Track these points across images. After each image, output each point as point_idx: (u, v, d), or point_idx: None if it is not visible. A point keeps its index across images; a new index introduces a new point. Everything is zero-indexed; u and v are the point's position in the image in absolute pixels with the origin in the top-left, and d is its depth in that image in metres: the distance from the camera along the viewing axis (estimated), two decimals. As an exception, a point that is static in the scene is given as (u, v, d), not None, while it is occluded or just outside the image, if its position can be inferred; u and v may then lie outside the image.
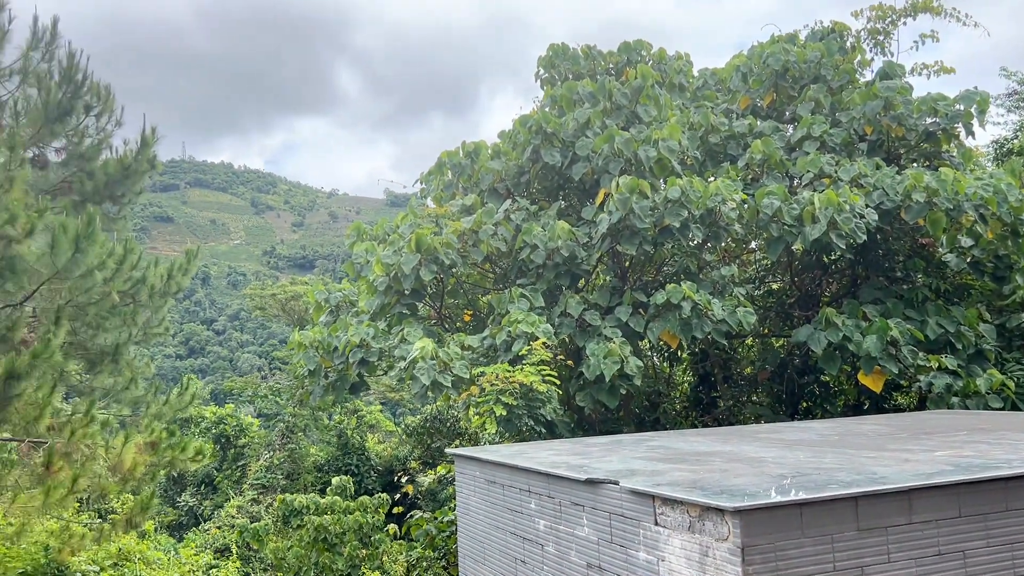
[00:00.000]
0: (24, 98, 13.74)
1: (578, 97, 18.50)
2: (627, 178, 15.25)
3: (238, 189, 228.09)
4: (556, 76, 21.04)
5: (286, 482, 24.70)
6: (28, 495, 10.36)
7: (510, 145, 18.35)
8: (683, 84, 20.63)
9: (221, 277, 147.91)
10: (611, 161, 16.37)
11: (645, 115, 17.91)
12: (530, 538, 7.00)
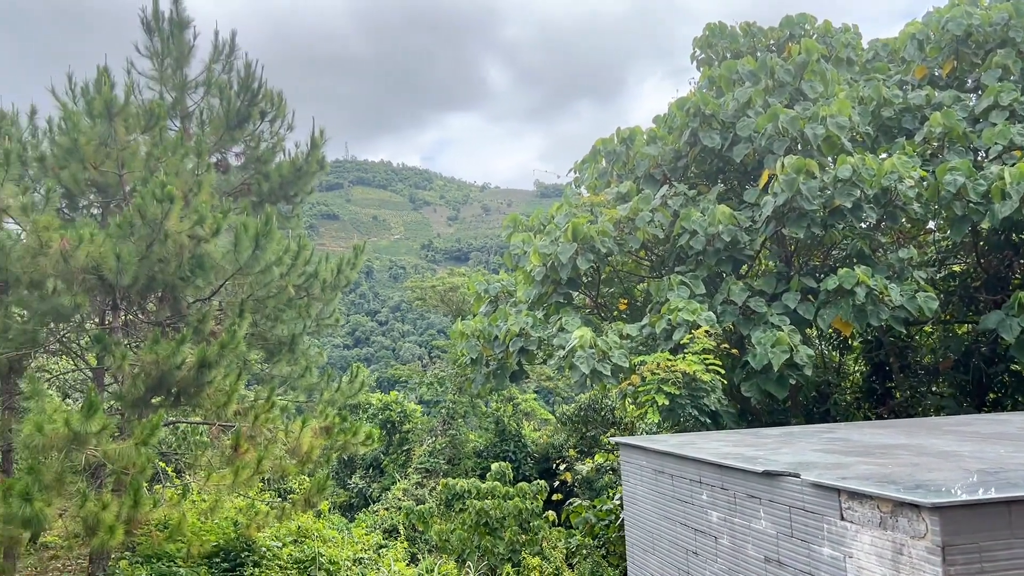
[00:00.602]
0: (208, 107, 14.78)
1: (738, 76, 17.84)
2: (793, 158, 14.57)
3: (397, 186, 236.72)
4: (713, 56, 20.40)
5: (448, 467, 25.41)
6: (219, 474, 11.13)
7: (666, 129, 17.96)
8: (851, 57, 19.45)
9: (383, 270, 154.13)
10: (775, 141, 15.69)
11: (811, 92, 17.03)
12: (702, 529, 6.82)
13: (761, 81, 17.31)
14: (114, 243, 10.64)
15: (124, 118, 11.95)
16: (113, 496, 10.16)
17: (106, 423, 9.86)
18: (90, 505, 9.71)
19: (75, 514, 9.82)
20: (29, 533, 10.36)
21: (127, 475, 10.39)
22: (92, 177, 12.27)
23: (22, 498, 9.05)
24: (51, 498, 9.76)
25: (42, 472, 9.54)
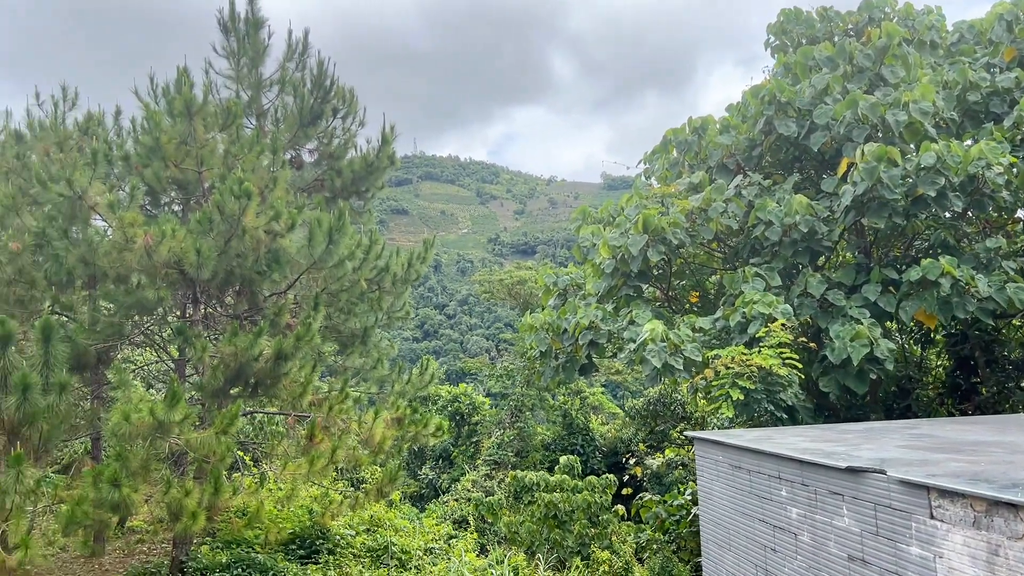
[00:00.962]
0: (282, 105, 15.08)
1: (814, 62, 17.36)
2: (873, 145, 14.11)
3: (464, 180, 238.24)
4: (788, 43, 19.90)
5: (516, 459, 25.47)
6: (295, 464, 11.38)
7: (739, 118, 17.60)
8: (935, 40, 18.73)
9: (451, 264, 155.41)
10: (854, 128, 15.22)
11: (891, 76, 16.46)
12: (781, 526, 6.67)
13: (839, 67, 16.80)
14: (194, 238, 10.96)
15: (203, 117, 12.28)
16: (195, 483, 10.47)
17: (188, 413, 10.17)
18: (174, 491, 10.03)
19: (160, 500, 10.16)
20: (117, 517, 10.77)
21: (208, 463, 10.70)
22: (173, 175, 12.65)
23: (110, 484, 9.40)
24: (137, 484, 10.12)
25: (129, 459, 9.89)
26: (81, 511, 9.46)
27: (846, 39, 17.72)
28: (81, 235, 12.30)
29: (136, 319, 12.69)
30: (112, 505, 9.66)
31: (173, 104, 12.37)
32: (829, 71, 16.75)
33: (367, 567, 12.18)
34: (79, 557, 12.11)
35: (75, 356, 11.26)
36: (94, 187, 11.57)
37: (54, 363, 10.01)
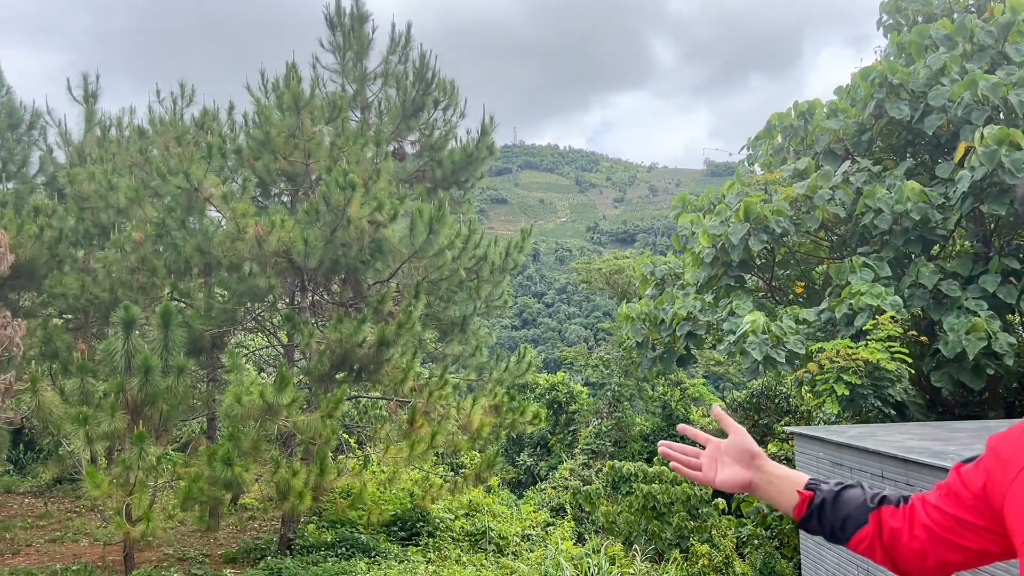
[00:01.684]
0: (385, 98, 15.45)
1: (930, 41, 16.53)
2: (994, 128, 13.35)
3: (563, 169, 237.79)
4: (902, 20, 19.00)
5: (614, 449, 25.39)
6: (396, 447, 11.70)
7: (848, 101, 16.95)
8: (1066, 14, 17.53)
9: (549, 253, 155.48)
10: (973, 110, 14.44)
11: (1016, 55, 15.51)
12: (884, 527, 6.45)
13: (958, 46, 15.95)
14: (302, 229, 11.38)
15: (310, 111, 12.71)
16: (302, 464, 10.92)
17: (296, 396, 10.60)
18: (282, 471, 10.49)
19: (269, 479, 10.64)
20: (230, 495, 11.34)
21: (314, 445, 11.14)
22: (282, 167, 13.16)
23: (224, 462, 9.91)
24: (248, 464, 10.63)
25: (241, 439, 10.39)
26: (197, 487, 10.01)
27: (966, 15, 16.79)
28: (197, 225, 12.96)
29: (248, 306, 13.29)
30: (225, 483, 10.18)
31: (282, 99, 12.85)
32: (946, 50, 15.91)
33: (465, 551, 12.43)
34: (196, 531, 12.82)
35: (192, 340, 11.89)
36: (209, 179, 12.16)
37: (173, 347, 10.61)
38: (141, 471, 9.70)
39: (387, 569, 10.65)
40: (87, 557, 11.68)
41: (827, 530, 1.37)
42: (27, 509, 15.00)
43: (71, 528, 13.53)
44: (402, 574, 9.96)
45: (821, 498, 1.37)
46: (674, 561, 15.71)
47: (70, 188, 14.99)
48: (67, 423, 9.80)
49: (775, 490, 1.42)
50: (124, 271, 13.10)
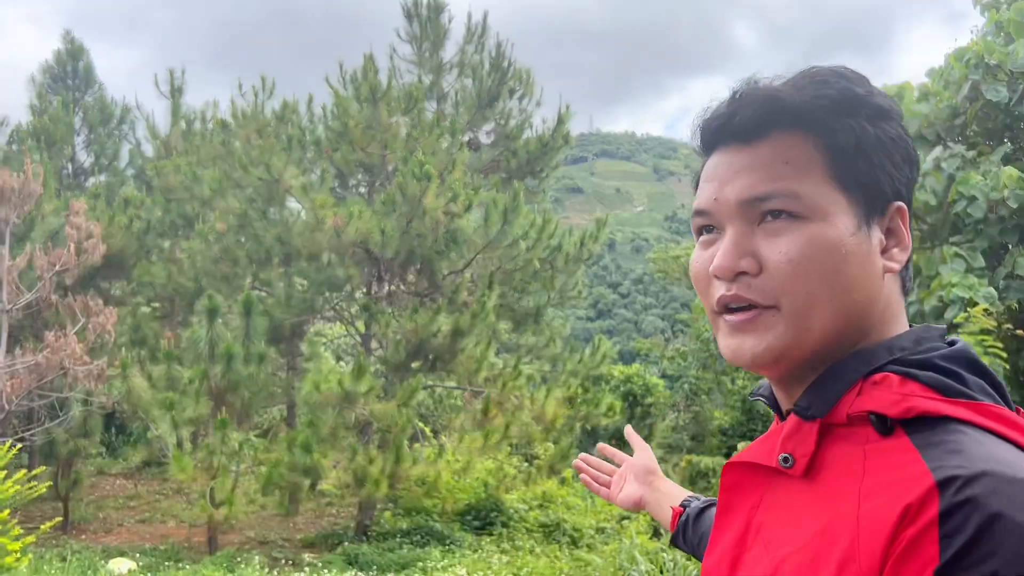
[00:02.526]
0: (461, 88, 15.48)
1: (1030, 20, 15.66)
2: (1100, 111, 12.58)
3: (640, 157, 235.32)
4: (1000, -1, 18.05)
5: (691, 443, 25.02)
6: (471, 437, 11.75)
7: (941, 84, 16.15)
8: None
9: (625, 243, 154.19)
10: (1077, 92, 13.61)
11: (1126, 32, 14.56)
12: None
13: (1061, 24, 15.06)
14: (379, 219, 11.51)
15: (387, 102, 12.83)
16: (378, 452, 11.08)
17: (373, 384, 10.74)
18: (359, 459, 10.65)
19: (346, 466, 10.83)
20: (309, 480, 11.58)
21: (390, 433, 11.29)
22: (360, 158, 13.32)
23: (303, 449, 10.13)
24: (327, 450, 10.84)
25: (319, 427, 10.60)
26: (277, 473, 10.26)
27: (1072, -8, 15.83)
28: (278, 216, 13.25)
29: (326, 295, 13.52)
30: (304, 469, 10.40)
31: (360, 90, 13.00)
32: (1050, 29, 15.03)
33: (539, 541, 12.41)
34: (276, 515, 13.14)
35: (272, 329, 12.17)
36: (289, 171, 12.40)
37: (254, 335, 10.89)
38: (224, 456, 9.99)
39: (461, 557, 10.71)
40: (174, 538, 12.11)
41: (690, 546, 1.36)
42: (118, 490, 15.65)
43: (159, 509, 14.05)
44: (476, 563, 10.00)
45: (687, 515, 1.36)
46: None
47: (157, 180, 15.51)
48: (154, 408, 10.16)
49: (661, 508, 1.43)
50: (208, 261, 13.49)
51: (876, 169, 0.79)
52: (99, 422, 12.92)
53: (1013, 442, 0.68)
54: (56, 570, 8.12)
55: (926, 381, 0.72)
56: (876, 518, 0.66)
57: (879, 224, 0.80)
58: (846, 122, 0.79)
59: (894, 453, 0.69)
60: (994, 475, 0.63)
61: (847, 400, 0.75)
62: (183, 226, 15.20)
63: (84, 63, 19.68)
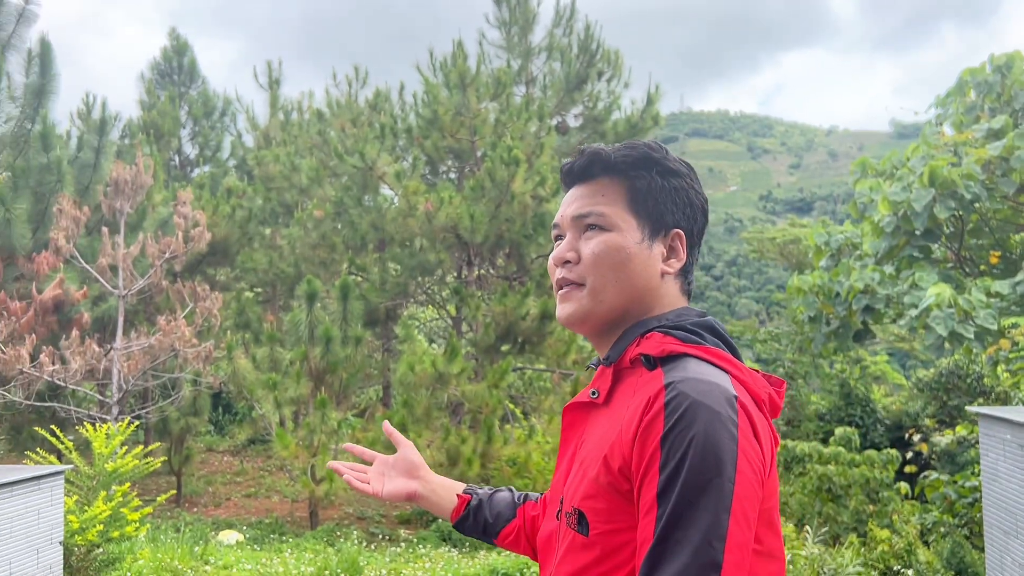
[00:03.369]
0: (549, 71, 15.51)
1: None
2: None
3: (734, 135, 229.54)
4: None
5: (787, 428, 24.54)
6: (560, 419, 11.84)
7: (1055, 52, 15.28)
8: None
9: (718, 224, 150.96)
10: None
11: None
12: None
13: None
14: (468, 204, 11.70)
15: (476, 88, 12.98)
16: (470, 432, 11.31)
17: (464, 366, 10.97)
18: (452, 438, 10.91)
19: (440, 446, 11.11)
20: (404, 459, 11.92)
21: (481, 414, 11.50)
22: (449, 144, 13.54)
23: (398, 428, 10.44)
24: (421, 429, 11.14)
25: (414, 406, 10.90)
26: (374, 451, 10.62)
27: None
28: (372, 202, 13.61)
29: (419, 279, 13.84)
30: (399, 447, 10.72)
31: (449, 77, 13.20)
32: None
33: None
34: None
35: (368, 312, 12.55)
36: (382, 158, 12.72)
37: (351, 318, 11.26)
38: (323, 434, 10.40)
39: (551, 537, 10.85)
40: (277, 512, 12.69)
41: (480, 528, 1.53)
42: (225, 466, 16.46)
43: (263, 485, 14.72)
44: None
45: (478, 500, 1.53)
46: (850, 545, 15.03)
47: (257, 170, 16.14)
48: (258, 388, 10.65)
49: (437, 497, 1.54)
50: (306, 247, 13.99)
51: (660, 206, 1.21)
52: (207, 401, 13.61)
53: (717, 365, 1.09)
54: (171, 540, 8.64)
55: (677, 336, 1.14)
56: (633, 411, 1.06)
57: (662, 242, 1.22)
58: (641, 173, 1.21)
59: (652, 378, 1.09)
60: (693, 379, 1.03)
61: (630, 351, 1.16)
62: (283, 214, 15.78)
63: (188, 58, 20.56)
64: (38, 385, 10.56)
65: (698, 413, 0.99)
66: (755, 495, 1.01)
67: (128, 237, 11.52)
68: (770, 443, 1.10)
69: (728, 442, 0.99)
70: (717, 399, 1.02)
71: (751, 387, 1.11)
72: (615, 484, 1.06)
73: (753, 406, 1.08)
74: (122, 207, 11.24)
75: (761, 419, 1.09)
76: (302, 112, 17.91)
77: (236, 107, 20.24)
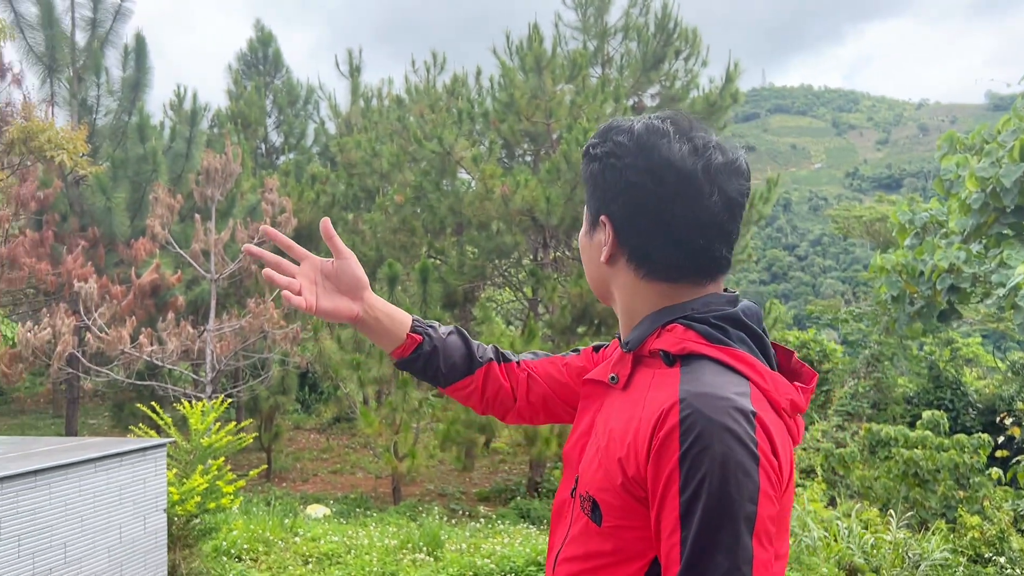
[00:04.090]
0: (626, 51, 15.41)
1: None
2: None
3: (818, 111, 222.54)
4: None
5: (872, 411, 23.94)
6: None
7: None
8: None
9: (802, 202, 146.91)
10: None
11: None
12: None
13: None
14: (544, 187, 11.78)
15: (551, 70, 13.02)
16: (547, 412, 11.45)
17: (541, 347, 11.10)
18: (529, 419, 11.07)
19: (518, 426, 11.28)
20: (483, 438, 12.17)
21: (559, 395, 11.63)
22: (525, 127, 13.63)
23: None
24: (499, 410, 11.33)
25: (492, 387, 11.10)
26: (454, 430, 10.87)
27: None
28: (450, 187, 13.83)
29: (496, 262, 14.01)
30: (479, 427, 10.96)
31: (525, 60, 13.27)
32: None
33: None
34: (453, 470, 13.90)
35: (446, 295, 12.80)
36: (460, 143, 12.90)
37: (430, 300, 11.51)
38: (405, 413, 10.70)
39: (629, 517, 10.92)
40: (362, 488, 13.11)
41: (429, 374, 1.45)
42: (312, 443, 17.05)
43: (348, 461, 15.22)
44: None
45: (432, 345, 1.42)
46: (938, 531, 14.64)
47: (340, 156, 16.55)
48: (343, 368, 11.01)
49: (381, 328, 1.40)
50: (387, 231, 14.31)
51: (591, 195, 1.21)
52: (295, 380, 14.13)
53: (739, 372, 1.06)
54: (262, 512, 9.05)
55: (699, 331, 1.10)
56: (646, 419, 1.05)
57: (601, 232, 1.20)
58: (585, 166, 1.22)
59: (669, 377, 1.08)
60: (708, 395, 1.00)
61: (649, 341, 1.14)
62: (364, 199, 16.16)
63: (273, 49, 21.16)
64: (138, 365, 11.16)
65: (715, 433, 0.98)
66: (775, 512, 1.02)
67: (219, 223, 12.01)
68: (788, 454, 1.08)
69: (749, 462, 0.99)
70: (734, 417, 1.00)
71: (771, 394, 1.08)
72: (629, 488, 1.07)
73: (773, 416, 1.05)
74: (213, 195, 11.73)
75: (780, 430, 1.06)
76: (382, 99, 18.24)
77: (319, 95, 20.76)
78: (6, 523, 4.26)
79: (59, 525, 4.60)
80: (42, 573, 4.46)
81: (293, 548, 7.36)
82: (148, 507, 5.38)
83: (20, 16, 13.08)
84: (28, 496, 4.41)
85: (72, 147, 11.91)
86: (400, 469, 10.96)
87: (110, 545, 4.98)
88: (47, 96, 13.19)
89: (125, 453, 5.14)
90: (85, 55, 13.41)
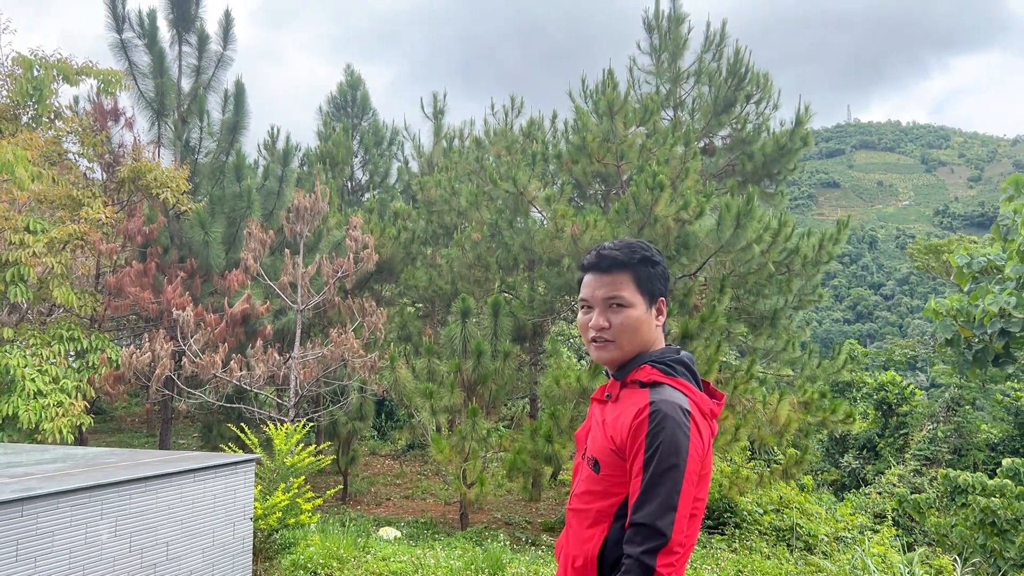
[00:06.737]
0: (698, 95, 15.80)
1: None
2: None
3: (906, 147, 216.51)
4: None
5: (952, 457, 23.29)
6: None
7: None
8: None
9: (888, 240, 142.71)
10: None
11: None
12: None
13: None
14: (612, 227, 12.21)
15: (623, 114, 13.51)
16: (612, 446, 11.74)
17: (605, 381, 11.45)
18: (593, 451, 11.39)
19: (582, 457, 11.61)
20: (550, 469, 12.54)
21: (623, 429, 11.92)
22: (596, 169, 14.12)
23: (545, 438, 11.06)
24: (566, 441, 11.70)
25: (559, 418, 11.48)
26: (521, 459, 11.28)
27: None
28: (523, 225, 14.39)
29: (565, 298, 14.45)
30: (545, 457, 11.34)
31: (599, 104, 13.79)
32: None
33: (771, 545, 12.49)
34: (520, 500, 14.28)
35: (516, 328, 13.30)
36: (533, 184, 13.47)
37: (501, 333, 12.03)
38: (474, 441, 11.18)
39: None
40: (431, 513, 13.62)
41: None
42: (387, 469, 17.69)
43: (420, 487, 15.76)
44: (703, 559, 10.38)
45: None
46: (1017, 584, 14.25)
47: (421, 194, 17.34)
48: (417, 397, 11.59)
49: None
50: (463, 266, 14.94)
51: (652, 286, 2.08)
52: (372, 407, 14.79)
53: (679, 390, 1.96)
54: (338, 532, 9.61)
55: (660, 368, 2.01)
56: (628, 413, 1.95)
57: (655, 308, 2.09)
58: (642, 267, 2.07)
59: (642, 394, 1.98)
60: (666, 400, 1.91)
61: (632, 375, 2.05)
62: (442, 235, 16.87)
63: (361, 92, 22.29)
64: (227, 388, 11.98)
65: (667, 421, 1.86)
66: (696, 471, 1.88)
67: (306, 258, 12.83)
68: (708, 436, 1.95)
69: (683, 440, 1.85)
70: (680, 414, 1.88)
71: (700, 404, 1.97)
72: (617, 452, 1.94)
73: (700, 416, 1.94)
74: (301, 231, 12.55)
75: (704, 423, 1.95)
76: (463, 139, 19.04)
77: (403, 136, 21.73)
78: (120, 522, 4.92)
79: (162, 526, 5.24)
80: (148, 567, 5.09)
81: (365, 566, 7.88)
82: (237, 515, 5.98)
83: (134, 64, 14.29)
84: (138, 499, 5.06)
85: (175, 185, 12.95)
86: (468, 496, 11.42)
87: (204, 547, 5.60)
88: (155, 138, 14.33)
89: (220, 466, 5.77)
90: (189, 100, 14.53)
